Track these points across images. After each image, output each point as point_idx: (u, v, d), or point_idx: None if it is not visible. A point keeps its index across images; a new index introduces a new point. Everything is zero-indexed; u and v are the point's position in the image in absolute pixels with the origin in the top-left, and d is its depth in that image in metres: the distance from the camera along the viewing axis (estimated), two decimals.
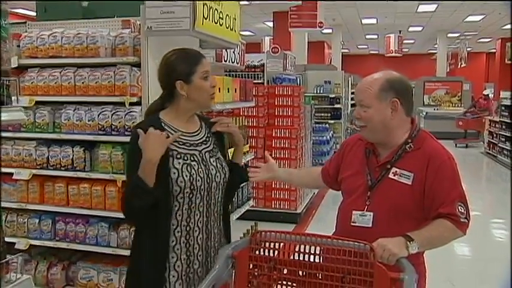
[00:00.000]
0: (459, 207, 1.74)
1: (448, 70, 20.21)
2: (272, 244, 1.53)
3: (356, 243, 1.47)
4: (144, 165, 1.74)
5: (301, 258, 1.49)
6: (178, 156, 1.84)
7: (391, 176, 1.83)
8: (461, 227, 1.74)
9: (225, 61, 4.54)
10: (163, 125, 1.88)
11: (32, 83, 3.10)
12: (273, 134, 5.58)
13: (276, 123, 5.65)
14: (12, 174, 3.15)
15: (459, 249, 5.18)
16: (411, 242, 1.61)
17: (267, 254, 1.53)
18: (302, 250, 1.49)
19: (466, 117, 13.77)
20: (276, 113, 5.64)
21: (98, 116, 2.97)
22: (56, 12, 3.41)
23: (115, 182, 2.95)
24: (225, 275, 1.51)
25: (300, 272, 1.47)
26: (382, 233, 1.69)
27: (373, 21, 16.48)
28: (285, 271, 1.50)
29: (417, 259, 1.89)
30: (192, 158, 1.87)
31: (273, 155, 5.59)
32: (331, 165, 2.12)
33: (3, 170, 3.19)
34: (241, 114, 5.44)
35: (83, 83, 2.99)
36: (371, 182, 1.86)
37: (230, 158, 2.12)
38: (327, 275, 1.44)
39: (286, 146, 5.55)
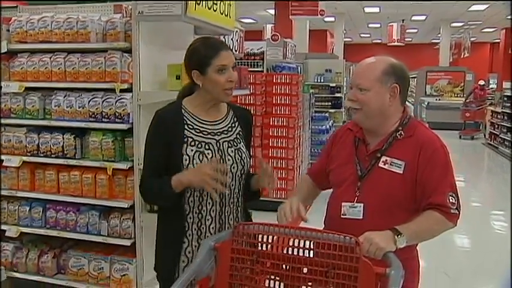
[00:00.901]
0: (450, 198, 1.68)
1: (451, 60, 20.03)
2: (255, 236, 1.47)
3: (341, 236, 1.41)
4: (183, 182, 1.78)
5: (285, 251, 1.44)
6: (193, 143, 1.84)
7: (381, 164, 1.77)
8: (452, 218, 1.69)
9: None
10: (183, 111, 1.89)
11: (21, 68, 3.04)
12: (271, 123, 5.52)
13: (273, 112, 5.58)
14: (2, 161, 3.12)
15: (458, 240, 5.15)
16: (399, 236, 1.56)
17: (249, 246, 1.48)
18: (286, 243, 1.44)
19: (472, 108, 13.41)
20: (274, 102, 5.58)
21: (89, 102, 2.91)
22: None
23: (105, 170, 2.90)
24: (207, 267, 1.46)
25: (284, 266, 1.43)
26: (373, 225, 1.64)
27: (376, 9, 16.30)
28: (268, 264, 1.45)
29: (410, 253, 1.84)
30: (206, 147, 1.86)
31: (270, 144, 5.55)
32: (321, 163, 2.00)
33: None
34: (238, 102, 5.40)
35: (73, 68, 2.93)
36: (361, 171, 1.80)
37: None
38: (311, 269, 1.39)
39: (284, 134, 5.49)
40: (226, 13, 3.21)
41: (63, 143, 3.00)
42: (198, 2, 2.78)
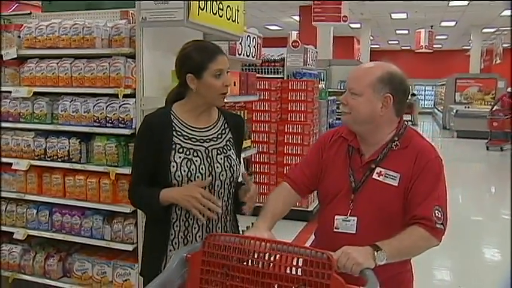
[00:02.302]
0: (436, 212, 1.59)
1: (482, 67, 19.52)
2: (226, 248, 1.42)
3: (313, 251, 1.35)
4: (169, 199, 1.77)
5: (255, 265, 1.38)
6: (181, 150, 1.82)
7: (375, 176, 1.70)
8: (436, 233, 1.59)
9: (239, 54, 4.46)
10: (172, 117, 1.86)
11: (30, 73, 3.10)
12: (285, 130, 5.47)
13: (288, 119, 5.53)
14: (11, 164, 3.18)
15: (488, 253, 4.94)
16: (378, 252, 1.47)
17: (220, 259, 1.42)
18: (256, 257, 1.38)
19: (499, 117, 12.69)
20: (289, 108, 5.53)
21: (93, 107, 2.94)
22: (60, 5, 3.41)
23: (109, 175, 2.92)
24: (178, 278, 1.42)
25: (254, 280, 1.36)
26: (367, 239, 1.56)
27: (403, 15, 16.06)
28: (238, 279, 1.39)
29: (403, 266, 1.77)
30: (195, 154, 1.83)
31: (285, 151, 5.50)
32: (309, 169, 1.86)
33: (4, 160, 3.22)
34: (252, 108, 5.38)
35: (79, 74, 2.96)
36: (354, 183, 1.72)
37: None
38: (281, 285, 1.33)
39: (299, 142, 5.43)
40: (233, 19, 3.19)
41: (69, 147, 3.03)
42: (202, 7, 2.78)
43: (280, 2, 13.39)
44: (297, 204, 5.40)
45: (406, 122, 1.81)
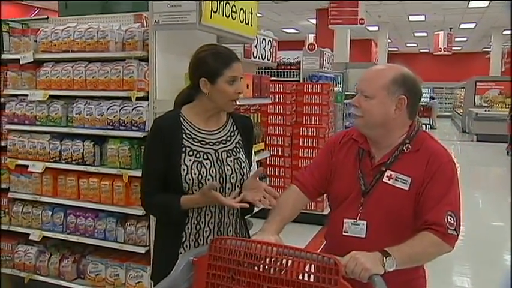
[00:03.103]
0: (448, 217, 1.54)
1: (503, 69, 19.13)
2: (232, 252, 1.39)
3: (320, 256, 1.32)
4: (194, 202, 1.77)
5: (261, 269, 1.35)
6: (191, 153, 1.81)
7: (385, 180, 1.65)
8: (449, 239, 1.54)
9: (255, 57, 4.46)
10: (182, 120, 1.86)
11: (46, 77, 3.14)
12: (300, 133, 5.44)
13: (303, 122, 5.50)
14: (27, 166, 3.22)
15: (510, 260, 4.82)
16: (387, 258, 1.43)
17: (226, 263, 1.40)
18: (263, 261, 1.35)
19: None
20: (304, 111, 5.49)
21: (107, 110, 2.96)
22: (76, 9, 3.46)
23: (122, 177, 2.93)
24: (185, 282, 1.41)
25: (261, 285, 1.34)
26: (376, 244, 1.53)
27: (422, 18, 15.87)
28: (245, 283, 1.36)
29: (416, 272, 1.72)
30: (205, 157, 1.83)
31: (300, 154, 5.46)
32: (319, 171, 1.83)
33: (20, 162, 3.27)
34: (268, 111, 5.37)
35: (93, 77, 2.99)
36: (364, 187, 1.68)
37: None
38: None
39: (314, 145, 5.39)
40: (247, 21, 3.19)
41: (83, 150, 3.06)
42: (215, 10, 2.78)
43: (296, 4, 13.35)
44: (312, 208, 5.44)
45: (423, 125, 1.77)
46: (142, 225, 2.95)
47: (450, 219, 1.54)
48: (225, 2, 2.86)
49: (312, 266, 1.32)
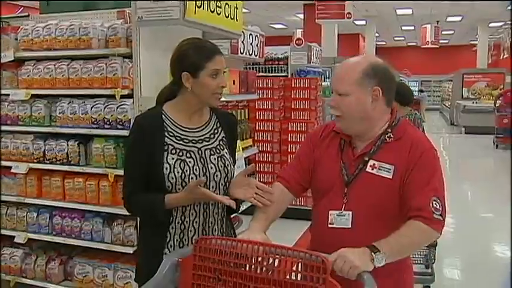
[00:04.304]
0: (433, 202, 1.52)
1: (489, 62, 19.32)
2: (217, 252, 1.36)
3: (308, 254, 1.29)
4: (179, 200, 1.74)
5: (248, 269, 1.32)
6: (173, 151, 1.78)
7: (368, 169, 1.64)
8: (435, 225, 1.53)
9: (242, 53, 4.41)
10: (164, 118, 1.82)
11: (28, 76, 3.08)
12: (289, 128, 5.41)
13: (292, 117, 5.47)
14: (11, 167, 3.16)
15: (499, 250, 4.87)
16: (376, 253, 1.41)
17: (212, 263, 1.36)
18: (249, 260, 1.32)
19: (508, 114, 11.88)
20: (293, 106, 5.47)
21: (91, 109, 2.91)
22: (58, 6, 3.38)
23: (108, 177, 2.88)
24: (170, 283, 1.37)
25: (247, 285, 1.31)
26: (363, 234, 1.53)
27: (409, 11, 15.92)
28: (231, 283, 1.33)
29: (402, 262, 1.69)
30: (188, 155, 1.79)
31: (289, 150, 5.44)
32: (302, 166, 1.80)
33: (3, 163, 3.20)
34: (256, 107, 5.33)
35: (76, 75, 2.93)
36: (347, 177, 1.67)
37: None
38: None
39: (303, 140, 5.35)
40: (232, 16, 3.14)
41: (68, 149, 3.01)
42: (199, 5, 2.73)
43: (283, 1, 13.33)
44: (302, 203, 5.41)
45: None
46: (130, 225, 2.90)
47: (435, 204, 1.53)
48: None
49: (300, 264, 1.29)
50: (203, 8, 2.77)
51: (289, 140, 5.43)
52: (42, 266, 3.22)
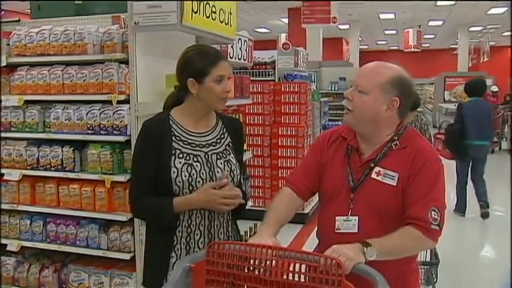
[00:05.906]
0: (432, 213, 1.57)
1: (470, 65, 19.68)
2: (231, 257, 1.37)
3: (322, 258, 1.31)
4: (189, 206, 1.78)
5: (262, 273, 1.33)
6: (181, 155, 1.80)
7: (374, 176, 1.68)
8: (431, 234, 1.57)
9: (231, 58, 4.43)
10: (171, 123, 1.84)
11: (21, 81, 3.04)
12: (279, 132, 5.45)
13: (282, 121, 5.51)
14: (3, 174, 3.11)
15: (484, 251, 4.93)
16: (368, 248, 1.46)
17: (225, 268, 1.38)
18: (263, 264, 1.33)
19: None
20: (283, 111, 5.51)
21: (87, 115, 2.88)
22: (49, 10, 3.35)
23: (104, 183, 2.86)
24: None
25: None
26: (370, 238, 1.54)
27: (391, 16, 16.15)
28: None
29: (408, 265, 1.74)
30: (195, 159, 1.81)
31: (279, 154, 5.47)
32: (311, 171, 1.83)
33: None
34: (245, 112, 5.34)
35: (71, 81, 2.91)
36: (353, 183, 1.70)
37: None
38: None
39: (293, 144, 5.41)
40: (226, 22, 3.16)
41: (62, 156, 2.97)
42: (195, 10, 2.74)
43: (267, 3, 13.37)
44: None
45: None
46: (127, 231, 2.88)
47: (434, 214, 1.57)
48: (205, 2, 2.83)
49: (313, 267, 1.31)
50: (199, 14, 2.78)
51: (280, 144, 5.47)
52: (36, 274, 3.17)
